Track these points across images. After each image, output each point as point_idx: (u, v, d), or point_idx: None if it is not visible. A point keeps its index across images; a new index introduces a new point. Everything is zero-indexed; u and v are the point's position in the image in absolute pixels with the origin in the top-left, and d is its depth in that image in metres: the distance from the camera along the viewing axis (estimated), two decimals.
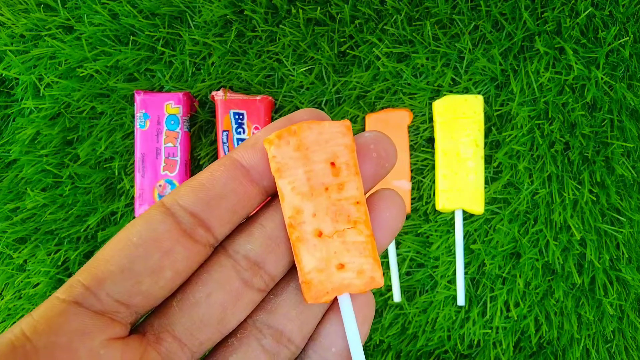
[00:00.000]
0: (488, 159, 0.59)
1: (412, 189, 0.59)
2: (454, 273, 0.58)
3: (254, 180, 0.20)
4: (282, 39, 0.59)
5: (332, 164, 0.20)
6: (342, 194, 0.20)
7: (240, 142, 0.57)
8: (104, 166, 0.60)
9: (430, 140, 0.59)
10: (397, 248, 0.59)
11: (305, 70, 0.59)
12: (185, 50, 0.59)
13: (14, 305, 0.60)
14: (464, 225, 0.58)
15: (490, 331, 0.58)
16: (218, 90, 0.58)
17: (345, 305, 0.21)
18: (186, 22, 0.60)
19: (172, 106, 0.57)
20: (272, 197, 0.21)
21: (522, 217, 0.58)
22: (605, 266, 0.58)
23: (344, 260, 0.20)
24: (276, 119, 0.59)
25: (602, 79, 0.57)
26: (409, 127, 0.59)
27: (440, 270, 0.58)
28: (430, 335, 0.59)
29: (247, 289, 0.20)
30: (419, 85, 0.59)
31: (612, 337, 0.58)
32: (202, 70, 0.60)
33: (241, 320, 0.21)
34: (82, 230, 0.60)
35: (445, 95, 0.58)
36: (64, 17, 0.60)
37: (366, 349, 0.60)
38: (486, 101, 0.59)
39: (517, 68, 0.59)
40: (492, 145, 0.59)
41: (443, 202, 0.57)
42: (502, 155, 0.58)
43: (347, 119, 0.20)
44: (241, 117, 0.57)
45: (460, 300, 0.57)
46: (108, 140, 0.59)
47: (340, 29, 0.59)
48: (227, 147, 0.57)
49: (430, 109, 0.59)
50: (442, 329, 0.58)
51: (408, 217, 0.60)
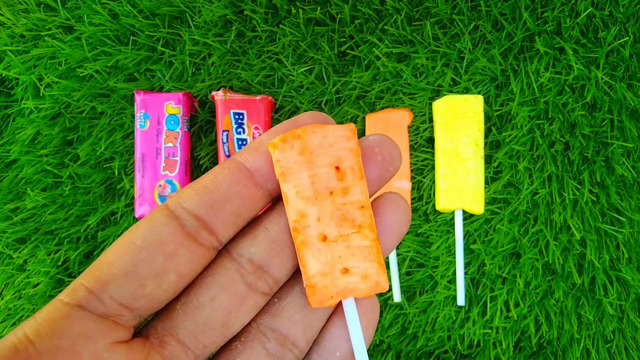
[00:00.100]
0: (488, 159, 0.59)
1: (412, 189, 0.59)
2: (454, 273, 0.58)
3: (257, 183, 0.20)
4: (282, 39, 0.59)
5: (337, 168, 0.20)
6: (347, 198, 0.20)
7: (240, 142, 0.57)
8: (104, 166, 0.60)
9: (430, 140, 0.59)
10: (397, 248, 0.59)
11: (305, 70, 0.59)
12: (185, 50, 0.59)
13: (14, 305, 0.60)
14: (464, 225, 0.58)
15: (490, 331, 0.58)
16: (218, 90, 0.58)
17: (350, 309, 0.20)
18: (186, 22, 0.60)
19: (172, 106, 0.57)
20: (276, 200, 0.21)
21: (522, 217, 0.58)
22: (605, 266, 0.58)
23: (348, 265, 0.20)
24: (276, 118, 0.59)
25: (602, 79, 0.58)
26: (409, 127, 0.59)
27: (440, 270, 0.58)
28: (430, 335, 0.59)
29: (251, 293, 0.20)
30: (419, 85, 0.59)
31: (612, 337, 0.58)
32: (202, 70, 0.60)
33: (245, 323, 0.21)
34: (82, 230, 0.60)
35: (445, 95, 0.58)
36: (64, 17, 0.60)
37: (367, 350, 0.60)
38: (486, 101, 0.59)
39: (517, 68, 0.59)
40: (492, 145, 0.59)
41: (443, 202, 0.57)
42: (502, 155, 0.58)
43: (352, 123, 0.20)
44: (241, 117, 0.57)
45: (460, 300, 0.58)
46: (108, 140, 0.59)
47: (340, 29, 0.59)
48: (227, 147, 0.57)
49: (430, 109, 0.59)
50: (442, 329, 0.58)
51: None
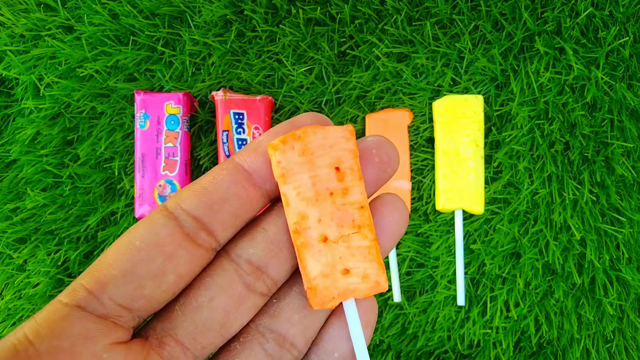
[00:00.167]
0: (488, 159, 0.59)
1: (412, 189, 0.59)
2: (454, 273, 0.58)
3: (256, 184, 0.20)
4: (282, 39, 0.59)
5: (337, 168, 0.20)
6: (347, 199, 0.20)
7: (240, 142, 0.57)
8: (104, 166, 0.60)
9: (430, 140, 0.59)
10: (397, 248, 0.59)
11: (305, 70, 0.59)
12: (185, 50, 0.59)
13: (14, 305, 0.60)
14: (464, 225, 0.58)
15: (490, 331, 0.58)
16: (218, 90, 0.58)
17: (351, 310, 0.20)
18: (186, 22, 0.60)
19: (172, 106, 0.57)
20: (274, 201, 0.21)
21: (522, 217, 0.58)
22: (605, 266, 0.58)
23: (348, 265, 0.20)
24: (276, 118, 0.59)
25: (602, 79, 0.57)
26: (409, 127, 0.59)
27: (440, 270, 0.58)
28: (430, 335, 0.59)
29: (249, 293, 0.20)
30: (419, 85, 0.59)
31: (612, 337, 0.58)
32: (202, 70, 0.60)
33: (244, 324, 0.21)
34: (82, 230, 0.60)
35: (445, 95, 0.58)
36: (64, 17, 0.60)
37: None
38: (486, 101, 0.59)
39: (517, 68, 0.59)
40: (492, 145, 0.59)
41: (443, 202, 0.57)
42: (502, 155, 0.58)
43: (351, 124, 0.20)
44: (241, 117, 0.57)
45: (460, 300, 0.58)
46: (108, 140, 0.59)
47: (340, 29, 0.59)
48: (227, 147, 0.57)
49: (430, 109, 0.59)
50: (442, 329, 0.58)
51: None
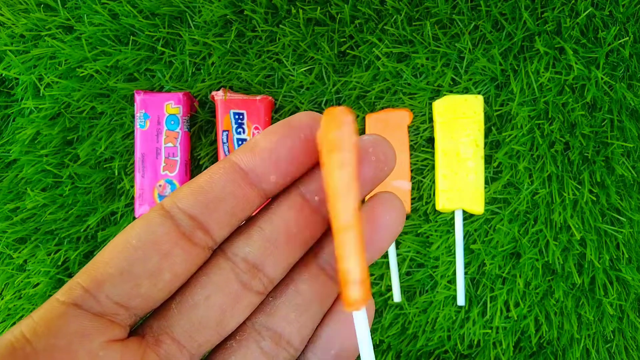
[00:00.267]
0: (488, 159, 0.59)
1: (412, 189, 0.59)
2: (454, 273, 0.58)
3: (252, 183, 0.20)
4: (282, 39, 0.59)
5: None
6: None
7: (240, 142, 0.57)
8: (104, 166, 0.60)
9: (430, 140, 0.59)
10: (397, 248, 0.59)
11: (305, 70, 0.59)
12: (185, 50, 0.59)
13: (14, 305, 0.60)
14: (464, 225, 0.58)
15: (490, 331, 0.58)
16: (218, 90, 0.58)
17: (360, 316, 0.20)
18: (186, 22, 0.60)
19: (172, 106, 0.57)
20: (270, 200, 0.21)
21: (522, 217, 0.58)
22: (605, 266, 0.58)
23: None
24: (276, 118, 0.59)
25: (602, 79, 0.57)
26: (409, 127, 0.59)
27: (440, 270, 0.58)
28: (430, 335, 0.59)
29: (245, 292, 0.20)
30: (419, 85, 0.59)
31: (612, 337, 0.58)
32: (202, 70, 0.60)
33: (240, 322, 0.21)
34: (82, 230, 0.60)
35: (445, 95, 0.58)
36: (64, 17, 0.60)
37: None
38: (486, 101, 0.59)
39: (517, 68, 0.59)
40: (492, 145, 0.59)
41: (443, 202, 0.57)
42: (502, 155, 0.58)
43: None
44: (241, 117, 0.57)
45: (460, 300, 0.57)
46: (108, 140, 0.59)
47: (340, 29, 0.59)
48: (227, 147, 0.57)
49: (430, 109, 0.59)
50: (442, 329, 0.58)
51: (408, 217, 0.60)
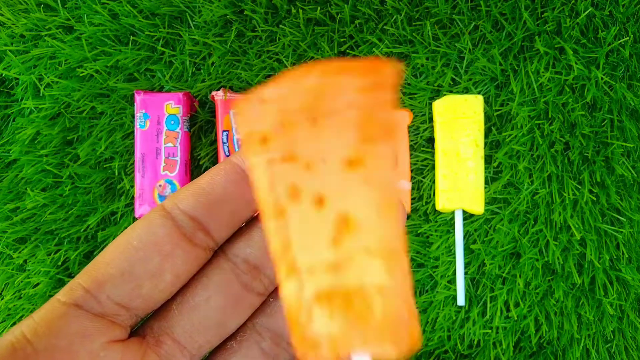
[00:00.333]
0: (488, 159, 0.59)
1: (412, 189, 0.59)
2: (454, 273, 0.58)
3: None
4: (282, 39, 0.59)
5: None
6: None
7: (240, 142, 0.57)
8: (104, 166, 0.60)
9: (430, 140, 0.59)
10: None
11: None
12: (185, 50, 0.59)
13: (14, 305, 0.60)
14: (464, 225, 0.58)
15: (490, 331, 0.58)
16: (218, 90, 0.58)
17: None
18: (186, 22, 0.60)
19: (172, 106, 0.57)
20: None
21: (522, 217, 0.58)
22: (605, 266, 0.58)
23: None
24: None
25: (602, 79, 0.57)
26: (409, 127, 0.59)
27: (440, 270, 0.58)
28: (430, 335, 0.59)
29: (246, 293, 0.20)
30: (419, 85, 0.59)
31: (612, 337, 0.58)
32: (202, 70, 0.60)
33: (241, 323, 0.21)
34: (82, 230, 0.60)
35: (445, 95, 0.58)
36: (64, 17, 0.60)
37: None
38: (486, 101, 0.59)
39: (517, 68, 0.59)
40: (492, 145, 0.59)
41: (443, 202, 0.57)
42: (502, 155, 0.58)
43: None
44: None
45: (460, 300, 0.57)
46: (108, 140, 0.59)
47: (340, 29, 0.59)
48: (227, 147, 0.57)
49: (430, 109, 0.59)
50: (442, 329, 0.58)
51: (408, 217, 0.60)
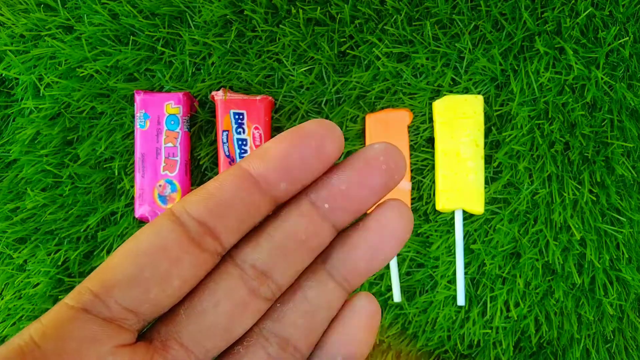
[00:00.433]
0: (488, 159, 0.59)
1: (412, 189, 0.59)
2: (454, 273, 0.58)
3: (262, 189, 0.20)
4: (282, 39, 0.59)
5: None
6: None
7: (240, 142, 0.57)
8: (104, 166, 0.60)
9: (430, 140, 0.59)
10: None
11: (305, 70, 0.59)
12: (185, 50, 0.59)
13: (14, 305, 0.60)
14: (464, 225, 0.58)
15: (490, 331, 0.58)
16: (218, 90, 0.58)
17: None
18: (186, 22, 0.60)
19: (172, 106, 0.57)
20: (280, 206, 0.21)
21: (522, 217, 0.58)
22: (605, 266, 0.58)
23: None
24: (276, 118, 0.59)
25: (602, 79, 0.58)
26: (409, 127, 0.59)
27: (440, 270, 0.58)
28: (430, 335, 0.59)
29: (254, 298, 0.20)
30: (419, 85, 0.59)
31: (612, 337, 0.59)
32: (202, 70, 0.60)
33: (248, 328, 0.21)
34: (82, 230, 0.60)
35: (445, 95, 0.58)
36: (64, 17, 0.60)
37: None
38: (486, 101, 0.59)
39: (517, 68, 0.59)
40: (492, 145, 0.59)
41: (443, 202, 0.57)
42: (502, 155, 0.58)
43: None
44: (241, 117, 0.57)
45: (460, 300, 0.58)
46: (108, 140, 0.59)
47: (340, 29, 0.59)
48: (227, 147, 0.57)
49: (430, 109, 0.59)
50: (442, 329, 0.59)
51: None
